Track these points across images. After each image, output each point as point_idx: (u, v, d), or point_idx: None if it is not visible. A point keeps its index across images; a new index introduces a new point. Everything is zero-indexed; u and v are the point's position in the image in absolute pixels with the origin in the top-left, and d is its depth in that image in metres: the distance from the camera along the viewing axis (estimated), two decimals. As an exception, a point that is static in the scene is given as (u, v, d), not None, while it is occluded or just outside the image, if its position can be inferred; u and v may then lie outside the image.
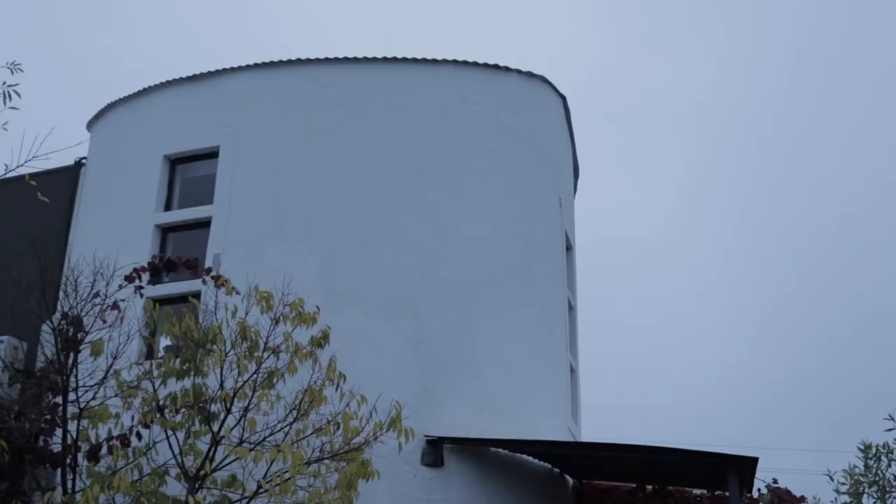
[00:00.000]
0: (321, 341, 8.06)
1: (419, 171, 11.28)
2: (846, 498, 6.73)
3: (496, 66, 12.33)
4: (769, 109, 52.71)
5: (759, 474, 9.67)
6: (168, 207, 11.73)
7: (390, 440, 7.95)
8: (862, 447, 6.72)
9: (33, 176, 7.25)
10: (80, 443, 7.92)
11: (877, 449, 6.79)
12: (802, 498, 10.81)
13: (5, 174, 6.53)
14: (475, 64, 12.12)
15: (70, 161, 12.69)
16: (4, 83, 6.65)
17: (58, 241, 11.86)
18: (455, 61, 11.96)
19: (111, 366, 8.01)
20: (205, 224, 11.26)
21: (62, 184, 12.45)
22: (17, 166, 6.40)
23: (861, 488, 6.72)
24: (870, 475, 6.73)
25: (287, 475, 7.24)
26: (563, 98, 13.78)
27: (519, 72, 12.60)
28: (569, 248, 14.28)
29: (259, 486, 7.54)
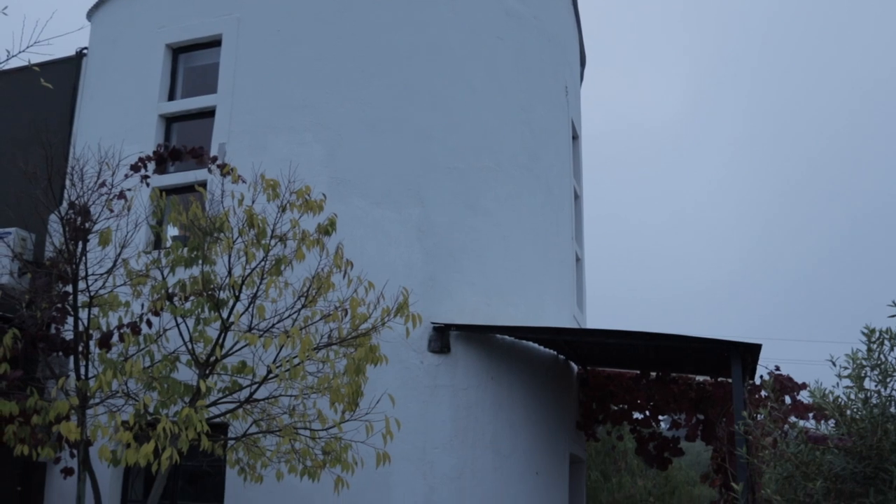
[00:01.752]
0: (328, 228, 8.06)
1: (425, 59, 11.14)
2: (848, 382, 6.77)
3: (502, -49, 12.09)
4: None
5: (762, 366, 9.80)
6: (171, 97, 11.65)
7: (398, 326, 8.02)
8: (866, 331, 6.75)
9: (35, 66, 7.16)
10: (91, 331, 7.99)
11: (880, 333, 6.82)
12: (804, 384, 10.95)
13: (7, 60, 6.45)
14: (481, -52, 11.87)
15: (71, 51, 12.55)
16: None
17: (61, 131, 11.80)
18: (460, -55, 11.71)
19: (119, 254, 8.03)
20: (209, 113, 11.19)
21: (64, 74, 12.33)
22: (19, 52, 6.32)
23: (863, 372, 6.76)
24: (872, 359, 6.76)
25: (296, 360, 7.32)
26: (570, -16, 13.54)
27: (525, -44, 12.34)
28: (575, 136, 14.20)
29: (269, 371, 7.64)
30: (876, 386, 6.67)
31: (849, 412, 6.68)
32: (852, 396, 6.68)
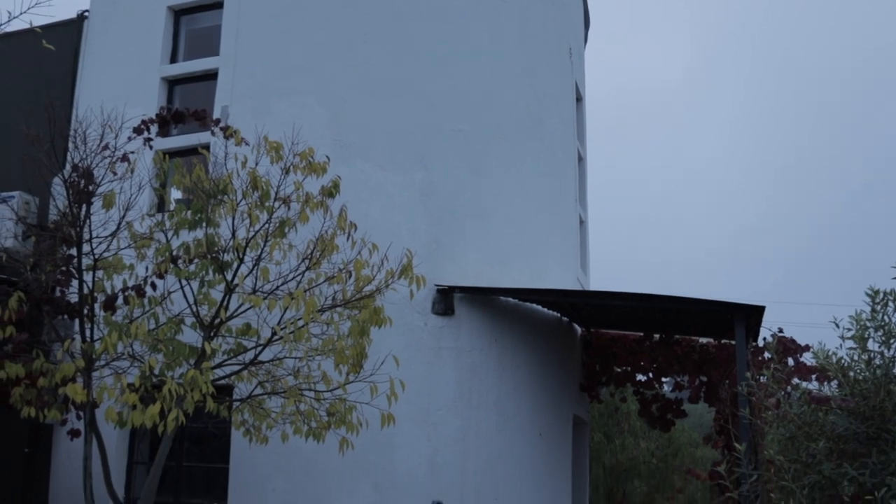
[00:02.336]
0: (332, 191, 8.05)
1: (428, 22, 11.07)
2: (851, 343, 6.77)
3: (506, -90, 11.96)
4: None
5: (765, 328, 9.81)
6: (174, 60, 11.61)
7: (402, 288, 8.03)
8: (870, 292, 6.74)
9: (37, 28, 7.12)
10: (95, 294, 8.00)
11: (884, 294, 6.81)
12: (807, 346, 10.96)
13: (9, 21, 6.42)
14: None
15: (73, 13, 12.47)
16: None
17: (64, 94, 11.76)
18: None
19: (123, 217, 8.03)
20: (211, 76, 11.15)
21: (66, 36, 12.26)
22: (21, 13, 6.29)
23: (867, 333, 6.76)
24: (876, 320, 6.76)
25: (301, 322, 7.33)
26: (575, -56, 13.41)
27: (529, -84, 12.21)
28: (579, 99, 14.14)
29: (273, 333, 7.65)
30: (879, 347, 6.68)
31: (852, 373, 6.69)
32: (855, 357, 6.70)
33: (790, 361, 11.08)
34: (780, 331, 11.48)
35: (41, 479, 10.50)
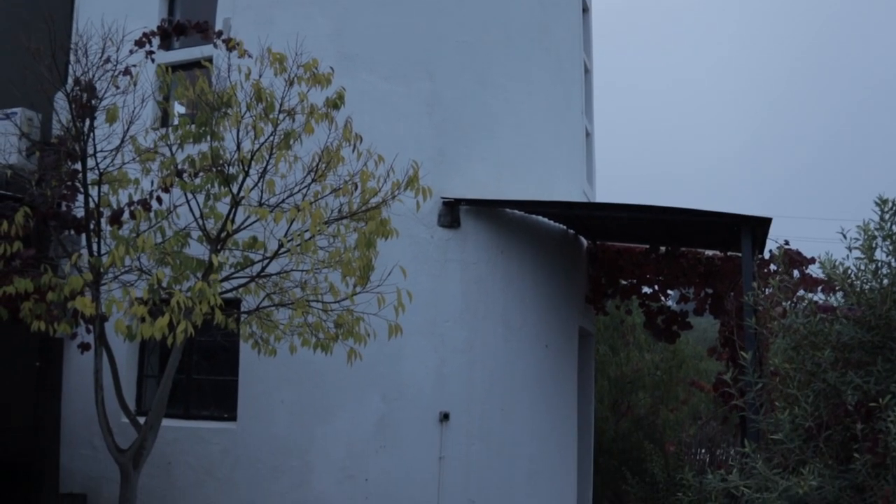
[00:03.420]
0: (336, 102, 7.96)
1: (431, -72, 10.84)
2: (858, 253, 6.75)
3: None
4: None
5: (771, 240, 9.79)
6: (174, -30, 11.41)
7: (408, 200, 8.01)
8: (878, 201, 6.70)
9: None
10: (101, 208, 7.99)
11: (893, 203, 6.77)
12: (812, 259, 10.96)
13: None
14: None
15: (69, -76, 12.23)
16: None
17: (64, 6, 11.60)
18: None
19: (127, 131, 7.97)
20: (212, -13, 10.97)
21: (63, -52, 12.04)
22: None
23: (874, 243, 6.74)
24: (884, 229, 6.73)
25: (307, 234, 7.32)
26: None
27: None
28: (585, 9, 13.94)
29: (280, 246, 7.66)
30: (887, 257, 6.68)
31: (858, 283, 6.70)
32: (862, 267, 6.70)
33: (796, 274, 11.09)
34: (787, 243, 11.47)
35: (53, 393, 10.62)
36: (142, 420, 8.15)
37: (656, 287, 13.18)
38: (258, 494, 9.95)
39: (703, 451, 14.10)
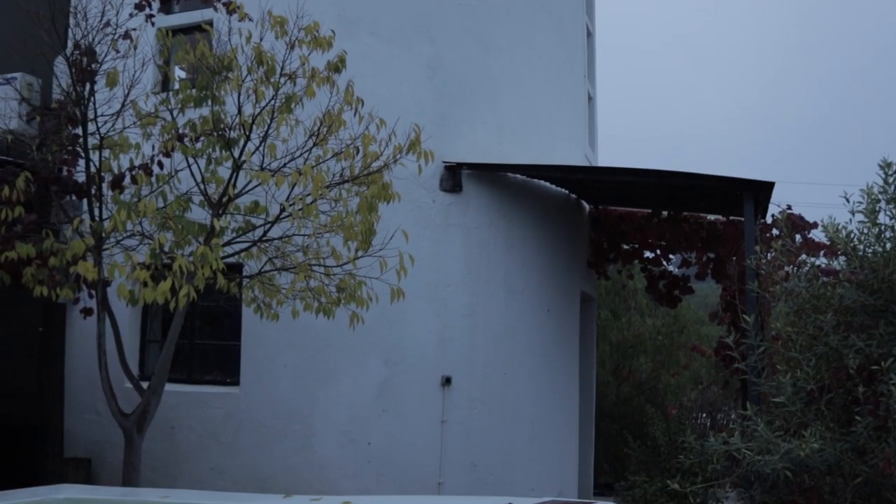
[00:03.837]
0: (338, 65, 7.92)
1: None
2: (861, 217, 6.74)
3: None
4: None
5: (774, 204, 9.78)
6: (173, -67, 11.30)
7: (410, 164, 7.98)
8: (882, 164, 6.68)
9: None
10: (102, 173, 7.98)
11: (896, 166, 6.75)
12: (815, 224, 10.94)
13: None
14: None
15: None
16: None
17: (62, -30, 11.50)
18: None
19: (127, 95, 7.94)
20: (212, -50, 10.87)
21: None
22: None
23: (877, 206, 6.73)
24: (888, 193, 6.72)
25: (309, 199, 7.31)
26: None
27: None
28: (588, -29, 13.82)
29: (282, 210, 7.65)
30: (890, 220, 6.66)
31: (861, 246, 6.69)
32: (865, 231, 6.69)
33: (798, 238, 11.08)
34: (789, 207, 11.44)
35: (56, 358, 10.66)
36: (145, 385, 8.18)
37: (658, 251, 13.17)
38: (261, 458, 10.01)
39: (705, 415, 14.16)
